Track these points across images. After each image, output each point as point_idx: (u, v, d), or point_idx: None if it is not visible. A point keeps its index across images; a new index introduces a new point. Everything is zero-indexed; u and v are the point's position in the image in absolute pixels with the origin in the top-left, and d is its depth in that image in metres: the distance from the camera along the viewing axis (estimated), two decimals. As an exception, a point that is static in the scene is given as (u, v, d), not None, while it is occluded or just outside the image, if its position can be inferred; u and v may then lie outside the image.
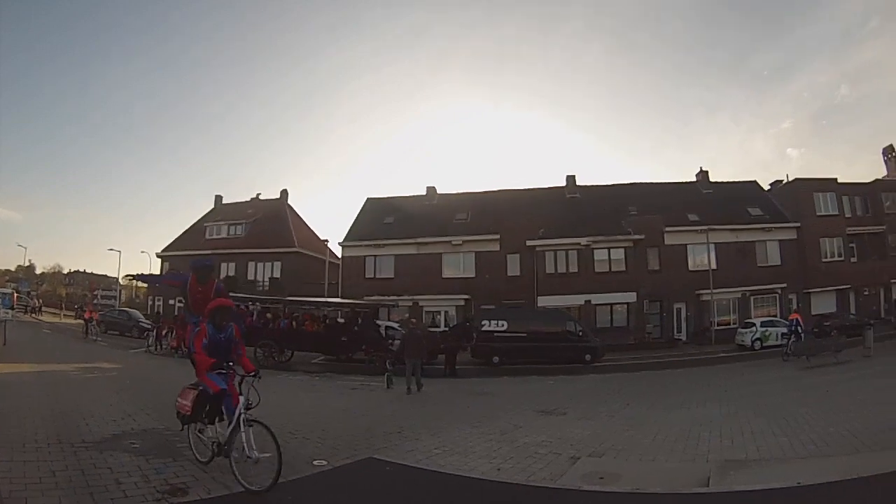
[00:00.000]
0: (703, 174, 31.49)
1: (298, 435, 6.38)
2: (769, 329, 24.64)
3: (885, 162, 37.03)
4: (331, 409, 9.35)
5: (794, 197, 29.89)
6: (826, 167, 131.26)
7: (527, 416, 8.61)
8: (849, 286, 29.98)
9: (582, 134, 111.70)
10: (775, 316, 27.23)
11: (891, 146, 36.88)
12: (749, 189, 31.48)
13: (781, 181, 31.92)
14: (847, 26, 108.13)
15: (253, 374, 4.57)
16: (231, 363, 4.72)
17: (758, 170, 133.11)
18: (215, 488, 4.19)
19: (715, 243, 27.34)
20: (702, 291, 26.94)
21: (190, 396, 4.73)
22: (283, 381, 13.02)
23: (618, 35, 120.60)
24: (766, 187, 32.39)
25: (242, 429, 4.23)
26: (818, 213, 29.71)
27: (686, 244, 27.52)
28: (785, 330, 23.10)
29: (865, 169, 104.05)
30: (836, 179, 30.80)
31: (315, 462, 5.17)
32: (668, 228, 27.16)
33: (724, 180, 31.99)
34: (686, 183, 31.37)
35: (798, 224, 29.17)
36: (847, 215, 30.80)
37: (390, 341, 18.40)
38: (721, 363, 20.02)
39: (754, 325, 25.15)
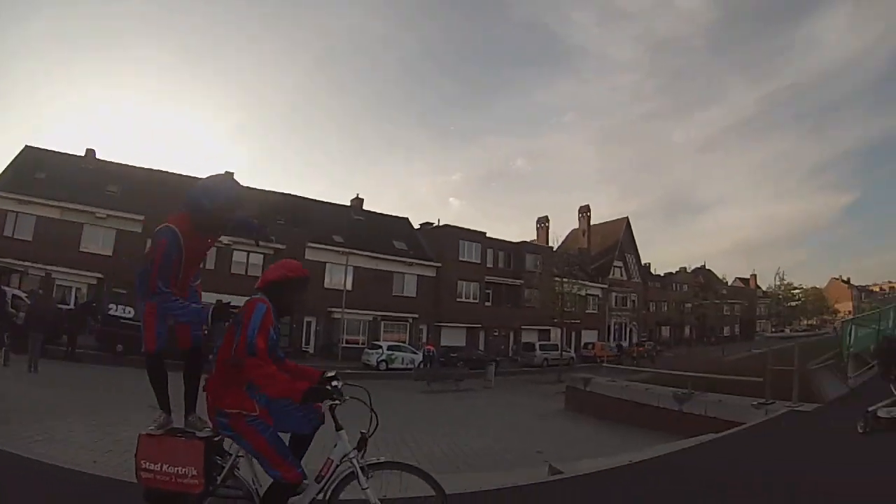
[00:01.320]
0: (358, 201, 34.26)
1: None
2: (395, 353, 27.21)
3: (538, 229, 45.67)
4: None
5: (441, 240, 34.42)
6: (483, 223, 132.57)
7: (136, 410, 8.49)
8: (480, 325, 35.28)
9: (260, 140, 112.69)
10: (404, 342, 30.41)
11: (546, 217, 45.95)
12: (399, 224, 35.34)
13: (433, 224, 36.52)
14: (543, 113, 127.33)
15: (334, 381, 2.66)
16: (335, 383, 2.64)
17: (417, 209, 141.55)
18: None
19: (354, 266, 29.64)
20: (334, 309, 28.63)
21: (184, 454, 2.48)
22: None
23: (320, 61, 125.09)
24: (417, 226, 36.67)
25: (365, 483, 2.54)
26: (461, 259, 34.64)
27: (325, 262, 29.12)
28: (411, 355, 26.45)
29: (524, 232, 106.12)
30: (485, 233, 36.48)
31: None
32: (310, 244, 28.64)
33: (379, 211, 35.17)
34: (340, 205, 33.59)
35: (439, 264, 33.48)
36: (489, 265, 36.56)
37: (14, 312, 16.11)
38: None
39: (381, 347, 27.51)
